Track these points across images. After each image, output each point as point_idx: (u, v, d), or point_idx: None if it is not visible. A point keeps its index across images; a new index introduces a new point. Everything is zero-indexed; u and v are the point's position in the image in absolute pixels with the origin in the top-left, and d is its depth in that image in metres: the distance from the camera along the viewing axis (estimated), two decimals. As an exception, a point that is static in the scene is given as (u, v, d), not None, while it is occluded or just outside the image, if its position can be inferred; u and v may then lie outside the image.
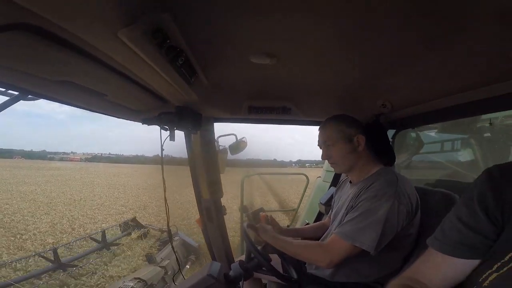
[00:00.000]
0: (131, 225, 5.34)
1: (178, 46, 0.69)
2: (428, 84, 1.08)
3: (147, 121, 1.32)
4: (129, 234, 5.16)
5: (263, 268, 0.82)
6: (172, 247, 1.61)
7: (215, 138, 1.71)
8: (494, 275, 0.46)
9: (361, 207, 0.93)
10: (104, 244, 4.72)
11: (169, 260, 3.38)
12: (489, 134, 1.90)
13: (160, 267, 3.17)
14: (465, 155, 2.03)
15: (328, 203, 1.60)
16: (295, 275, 0.82)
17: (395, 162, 1.38)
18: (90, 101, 1.02)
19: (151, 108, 1.28)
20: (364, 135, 1.12)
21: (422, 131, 2.18)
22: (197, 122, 1.36)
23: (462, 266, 0.51)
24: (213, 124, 1.60)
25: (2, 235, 5.68)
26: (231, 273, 0.81)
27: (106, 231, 5.03)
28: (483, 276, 0.48)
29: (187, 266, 3.64)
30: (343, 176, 1.72)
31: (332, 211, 1.28)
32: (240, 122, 1.59)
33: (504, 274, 0.45)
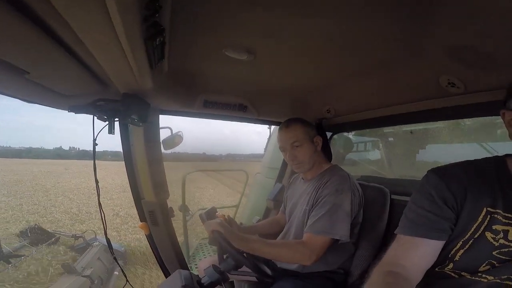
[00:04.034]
0: (34, 233, 4.26)
1: (163, 24, 0.58)
2: (367, 97, 1.27)
3: (77, 108, 1.06)
4: (34, 243, 4.15)
5: (238, 269, 0.80)
6: (114, 257, 1.35)
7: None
8: (461, 251, 0.62)
9: (328, 203, 1.02)
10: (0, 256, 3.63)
11: (92, 268, 2.85)
12: (392, 139, 2.41)
13: (84, 276, 2.65)
14: (374, 155, 2.52)
15: (276, 199, 1.68)
16: (268, 271, 0.83)
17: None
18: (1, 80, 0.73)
19: (84, 93, 1.03)
20: (315, 137, 1.22)
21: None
22: (145, 113, 1.18)
23: (434, 246, 0.64)
24: (159, 117, 1.42)
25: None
26: (204, 279, 0.75)
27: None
28: (452, 252, 0.63)
29: (116, 273, 3.18)
30: (288, 172, 1.84)
31: (285, 207, 1.35)
32: (192, 116, 1.47)
33: (468, 249, 0.61)
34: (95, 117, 1.09)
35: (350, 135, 2.78)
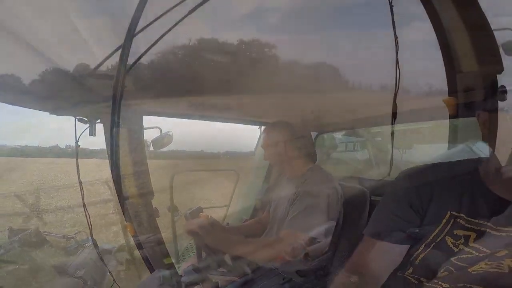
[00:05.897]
0: (25, 235, 4.20)
1: (149, 21, 0.58)
2: (353, 97, 1.30)
3: (59, 110, 1.05)
4: (24, 244, 4.04)
5: (218, 270, 0.81)
6: (100, 256, 1.34)
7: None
8: (422, 254, 0.61)
9: (305, 201, 1.04)
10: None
11: (85, 269, 2.82)
12: (380, 138, 2.45)
13: (77, 278, 2.61)
14: (363, 155, 2.56)
15: (264, 199, 1.69)
16: (248, 270, 0.85)
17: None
18: None
19: (66, 94, 1.02)
20: (297, 138, 1.23)
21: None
22: (128, 114, 1.18)
23: (399, 250, 0.64)
24: (143, 118, 1.42)
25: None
26: (183, 279, 0.76)
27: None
28: (414, 256, 0.63)
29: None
30: (275, 172, 1.86)
31: (271, 206, 1.37)
32: (178, 117, 1.47)
33: (428, 253, 0.60)
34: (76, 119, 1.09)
35: (339, 135, 2.82)
